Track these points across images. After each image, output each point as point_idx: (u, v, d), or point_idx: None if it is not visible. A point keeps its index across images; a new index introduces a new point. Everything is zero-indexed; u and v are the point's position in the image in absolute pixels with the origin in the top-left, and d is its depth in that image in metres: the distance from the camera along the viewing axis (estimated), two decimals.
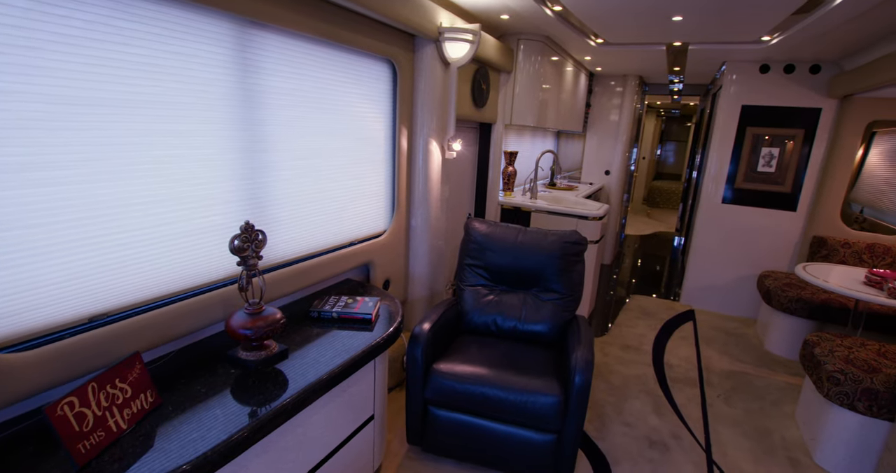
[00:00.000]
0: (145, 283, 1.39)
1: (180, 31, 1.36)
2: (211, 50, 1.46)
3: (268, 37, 1.65)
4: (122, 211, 1.29)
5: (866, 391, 2.16)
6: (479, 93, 2.95)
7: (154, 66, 1.31)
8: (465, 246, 2.45)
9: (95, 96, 1.19)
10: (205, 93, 1.46)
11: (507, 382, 1.91)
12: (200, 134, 1.47)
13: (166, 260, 1.44)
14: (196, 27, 1.40)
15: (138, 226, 1.34)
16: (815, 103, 3.79)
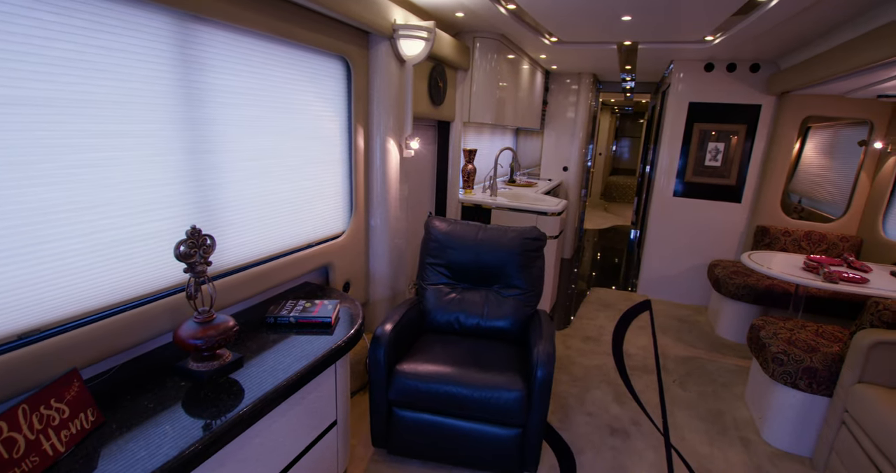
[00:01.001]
0: (82, 295, 1.30)
1: (112, 25, 1.28)
2: (148, 45, 1.38)
3: (213, 32, 1.58)
4: (51, 218, 1.21)
5: (807, 370, 2.30)
6: (437, 91, 2.94)
7: (83, 62, 1.22)
8: (426, 245, 2.44)
9: (17, 95, 1.10)
10: (143, 91, 1.38)
11: (471, 379, 1.92)
12: (140, 134, 1.39)
13: (104, 269, 1.35)
14: (130, 20, 1.32)
15: (71, 235, 1.26)
16: (755, 100, 4.00)
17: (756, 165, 4.09)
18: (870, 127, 3.66)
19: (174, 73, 1.46)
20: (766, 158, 4.01)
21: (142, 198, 1.43)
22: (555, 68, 4.97)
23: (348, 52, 2.20)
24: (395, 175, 2.54)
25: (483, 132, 4.38)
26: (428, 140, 3.26)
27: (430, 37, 2.42)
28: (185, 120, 1.52)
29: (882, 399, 1.95)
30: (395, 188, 2.55)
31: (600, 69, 4.95)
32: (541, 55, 4.22)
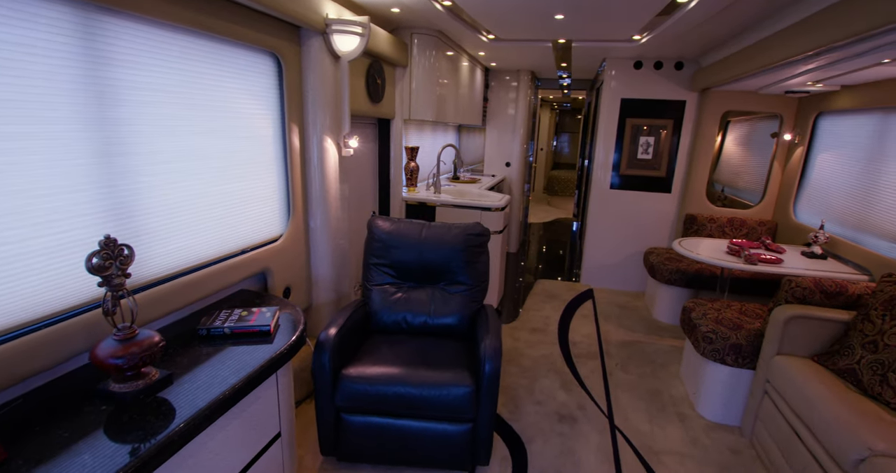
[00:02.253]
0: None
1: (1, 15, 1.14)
2: (47, 38, 1.25)
3: (123, 25, 1.46)
4: None
5: (733, 346, 2.48)
6: (375, 88, 2.89)
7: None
8: (370, 245, 2.39)
9: None
10: (44, 88, 1.25)
11: (420, 378, 1.90)
12: (44, 136, 1.26)
13: (7, 286, 1.22)
14: (22, 10, 1.19)
15: None
16: (680, 96, 4.25)
17: (683, 157, 4.35)
18: (780, 120, 3.98)
19: (80, 69, 1.34)
20: (692, 151, 4.27)
21: (48, 207, 1.29)
22: (494, 65, 5.03)
23: (278, 48, 2.11)
24: (334, 174, 2.47)
25: (425, 129, 4.36)
26: (368, 138, 3.20)
27: (364, 32, 2.37)
28: (96, 119, 1.40)
29: (797, 369, 2.14)
30: (334, 188, 2.49)
31: (538, 66, 5.07)
32: (479, 52, 4.25)
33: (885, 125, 2.92)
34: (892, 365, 1.89)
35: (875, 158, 2.97)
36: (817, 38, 2.12)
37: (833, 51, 2.17)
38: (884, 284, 2.12)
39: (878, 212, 2.90)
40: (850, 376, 2.03)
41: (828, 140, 3.54)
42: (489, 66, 5.06)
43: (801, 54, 2.29)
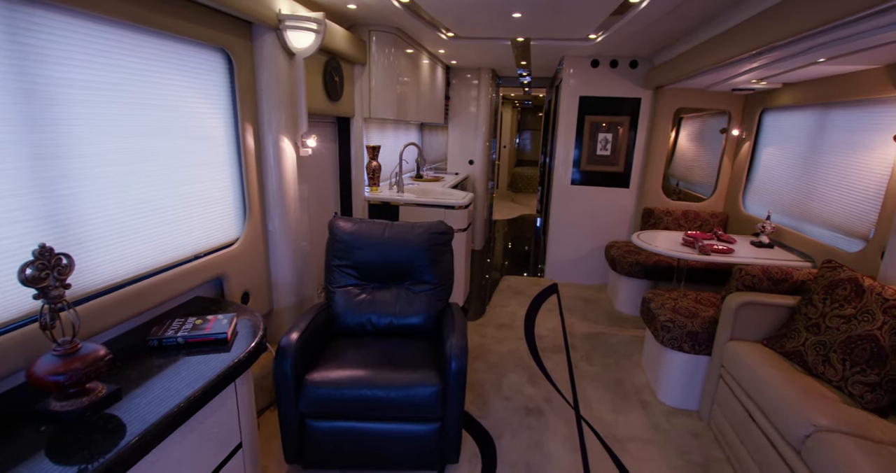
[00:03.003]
0: None
1: None
2: None
3: (55, 18, 1.36)
4: None
5: (689, 333, 2.58)
6: (333, 86, 2.83)
7: None
8: (332, 247, 2.35)
9: None
10: None
11: (386, 380, 1.88)
12: None
13: None
14: None
15: None
16: (636, 93, 4.37)
17: (640, 153, 4.48)
18: (728, 116, 4.17)
19: (3, 65, 1.24)
20: (648, 147, 4.41)
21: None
22: (455, 63, 5.04)
23: (229, 44, 2.03)
24: (291, 175, 2.40)
25: (386, 128, 4.32)
26: (327, 137, 3.14)
27: (320, 29, 2.31)
28: (26, 120, 1.30)
29: (748, 353, 2.24)
30: (293, 189, 2.42)
31: (498, 64, 5.11)
32: (439, 50, 4.25)
33: (823, 120, 3.10)
34: (833, 346, 2.01)
35: (814, 151, 3.15)
36: (759, 38, 2.22)
37: (773, 50, 2.28)
38: (824, 270, 2.25)
39: (818, 202, 3.08)
40: (796, 357, 2.15)
41: (772, 135, 3.73)
42: (450, 63, 5.06)
43: (745, 53, 2.39)
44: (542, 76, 5.95)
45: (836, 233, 2.86)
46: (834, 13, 1.70)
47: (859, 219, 2.67)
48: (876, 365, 1.86)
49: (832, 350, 2.01)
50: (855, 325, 1.98)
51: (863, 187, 2.67)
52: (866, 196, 2.64)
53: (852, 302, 2.04)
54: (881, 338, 1.87)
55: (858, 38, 1.89)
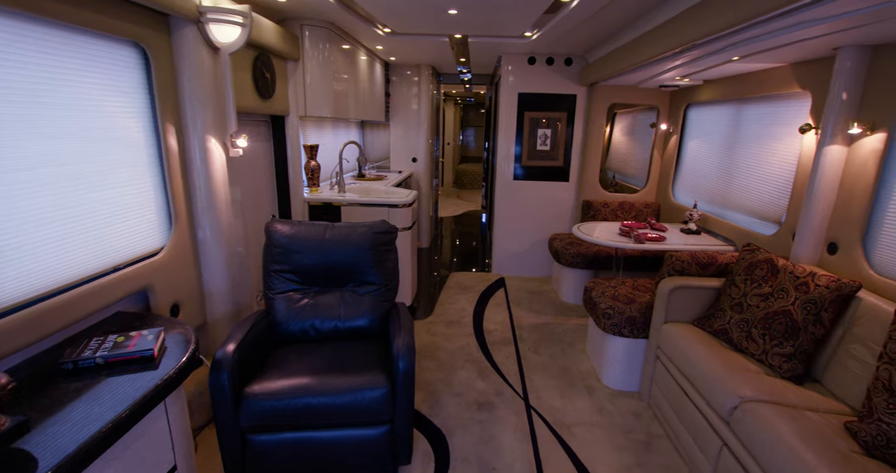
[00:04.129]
0: None
1: None
2: None
3: None
4: None
5: (628, 319, 2.70)
6: (264, 83, 2.71)
7: None
8: (269, 252, 2.25)
9: None
10: None
11: (332, 386, 1.83)
12: None
13: None
14: None
15: None
16: (571, 90, 4.51)
17: (577, 148, 4.64)
18: (657, 112, 4.40)
19: None
20: (585, 141, 4.57)
21: None
22: (393, 59, 4.97)
23: (143, 38, 1.88)
24: (221, 178, 2.27)
25: (325, 126, 4.19)
26: (261, 137, 3.00)
27: (246, 22, 2.20)
28: None
29: (681, 334, 2.38)
30: (223, 192, 2.29)
31: (438, 61, 5.10)
32: (377, 46, 4.17)
33: (739, 114, 3.33)
34: (754, 323, 2.18)
35: (733, 144, 3.39)
36: (680, 37, 2.35)
37: (693, 49, 2.42)
38: (744, 253, 2.42)
39: (737, 190, 3.31)
40: (723, 335, 2.30)
41: (696, 128, 3.98)
42: (389, 60, 5.00)
43: (669, 51, 2.52)
44: (482, 73, 6.01)
45: (754, 218, 3.09)
46: (743, 15, 1.83)
47: (773, 204, 2.91)
48: (791, 337, 2.03)
49: (753, 326, 2.17)
50: (772, 302, 2.15)
51: (775, 176, 2.90)
52: (778, 183, 2.87)
53: (769, 282, 2.21)
54: (794, 313, 2.04)
55: (765, 39, 2.05)
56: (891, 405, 1.54)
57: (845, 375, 1.93)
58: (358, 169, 4.75)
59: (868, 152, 2.16)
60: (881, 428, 1.54)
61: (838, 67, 2.23)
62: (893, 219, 2.07)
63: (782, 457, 1.56)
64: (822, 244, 2.40)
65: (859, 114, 2.22)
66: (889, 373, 1.58)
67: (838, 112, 2.25)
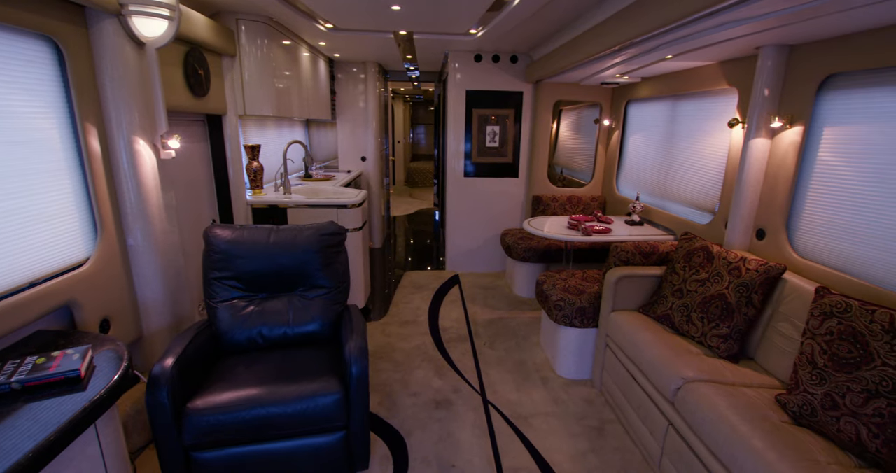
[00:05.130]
0: None
1: None
2: None
3: None
4: None
5: (579, 309, 2.77)
6: (197, 80, 2.56)
7: None
8: (209, 258, 2.13)
9: None
10: None
11: (282, 395, 1.76)
12: None
13: None
14: None
15: None
16: (518, 87, 4.58)
17: (526, 144, 4.72)
18: (600, 108, 4.54)
19: None
20: (532, 137, 4.66)
21: None
22: (338, 56, 4.86)
23: (55, 31, 1.72)
24: (153, 181, 2.12)
25: (267, 125, 4.03)
26: (196, 137, 2.84)
27: (173, 15, 2.06)
28: None
29: (627, 321, 2.47)
30: (155, 197, 2.14)
31: (384, 58, 5.03)
32: (320, 42, 4.06)
33: (674, 110, 3.50)
34: (694, 307, 2.29)
35: (670, 138, 3.56)
36: (617, 36, 2.43)
37: (630, 47, 2.50)
38: (682, 241, 2.55)
39: (675, 182, 3.48)
40: (666, 320, 2.41)
41: (636, 124, 4.14)
42: (333, 57, 4.87)
43: (608, 50, 2.60)
44: (429, 70, 5.98)
45: (691, 208, 3.26)
46: (674, 14, 1.91)
47: (707, 195, 3.07)
48: (726, 319, 2.15)
49: (693, 310, 2.29)
50: (709, 287, 2.27)
51: (708, 168, 3.07)
52: (711, 175, 3.03)
53: (705, 267, 2.34)
54: (728, 296, 2.17)
55: (694, 38, 2.15)
56: (814, 377, 1.67)
57: (775, 352, 2.07)
58: (304, 169, 4.61)
59: (788, 144, 2.33)
60: (807, 398, 1.66)
61: (760, 65, 2.38)
62: (811, 205, 2.24)
63: (721, 431, 1.65)
64: (752, 230, 2.56)
65: (780, 108, 2.38)
66: (812, 348, 1.71)
67: (762, 107, 2.40)
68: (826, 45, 2.11)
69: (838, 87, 2.11)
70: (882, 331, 1.51)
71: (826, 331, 1.67)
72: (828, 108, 2.16)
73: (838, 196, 2.09)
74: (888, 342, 1.49)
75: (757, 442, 1.54)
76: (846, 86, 2.07)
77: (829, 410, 1.59)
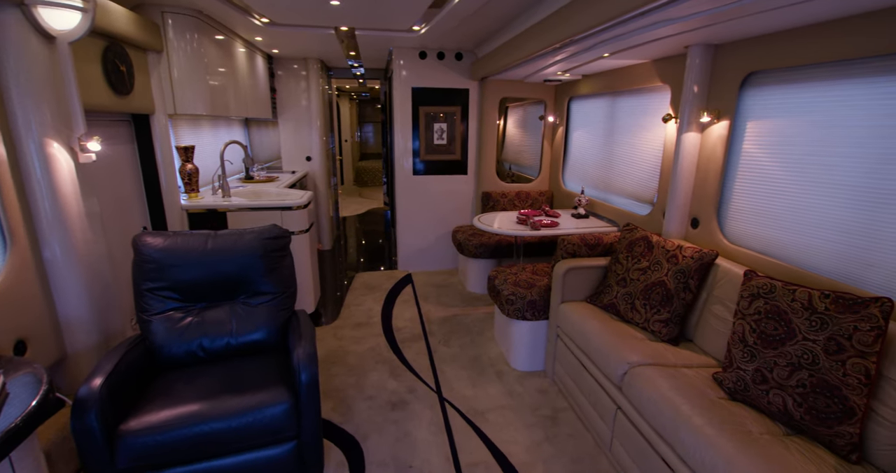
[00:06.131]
0: None
1: None
2: None
3: None
4: None
5: (530, 303, 2.82)
6: (119, 77, 2.38)
7: None
8: (140, 268, 1.98)
9: None
10: None
11: (226, 408, 1.67)
12: None
13: None
14: None
15: None
16: (464, 84, 4.59)
17: (473, 141, 4.75)
18: (545, 105, 4.64)
19: None
20: (480, 134, 4.69)
21: None
22: (277, 52, 4.68)
23: None
24: (71, 187, 1.95)
25: (201, 125, 3.82)
26: (121, 138, 2.64)
27: (87, 6, 1.90)
28: None
29: (576, 311, 2.54)
30: (75, 204, 1.96)
31: (326, 54, 4.90)
32: (256, 37, 3.89)
33: (614, 106, 3.63)
34: (637, 295, 2.39)
35: (610, 133, 3.69)
36: (556, 34, 2.48)
37: (569, 45, 2.56)
38: (624, 232, 2.65)
39: (616, 175, 3.62)
40: (612, 309, 2.50)
41: (578, 120, 4.27)
42: (272, 53, 4.69)
43: (548, 47, 2.65)
44: (375, 68, 5.89)
45: (632, 200, 3.40)
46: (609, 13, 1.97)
47: (646, 187, 3.22)
48: (666, 304, 2.26)
49: (636, 298, 2.39)
50: (650, 275, 2.37)
51: (646, 161, 3.21)
52: (649, 168, 3.18)
53: (646, 256, 2.44)
54: (668, 283, 2.28)
55: (628, 36, 2.23)
56: (745, 354, 1.78)
57: (711, 333, 2.19)
58: (245, 171, 4.41)
59: (716, 138, 2.47)
60: (739, 375, 1.77)
61: (689, 64, 2.51)
62: (738, 194, 2.39)
63: (664, 411, 1.74)
64: (687, 220, 2.71)
65: (708, 104, 2.52)
66: (742, 327, 1.82)
67: (692, 103, 2.54)
68: (747, 45, 2.25)
69: (758, 84, 2.26)
70: (802, 309, 1.64)
71: (754, 311, 1.78)
72: (750, 104, 2.31)
73: (761, 185, 2.25)
74: (807, 318, 1.61)
75: (697, 419, 1.63)
76: (765, 83, 2.23)
77: (759, 384, 1.70)
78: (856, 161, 1.80)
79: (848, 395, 1.49)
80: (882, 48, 1.66)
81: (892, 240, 1.68)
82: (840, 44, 1.81)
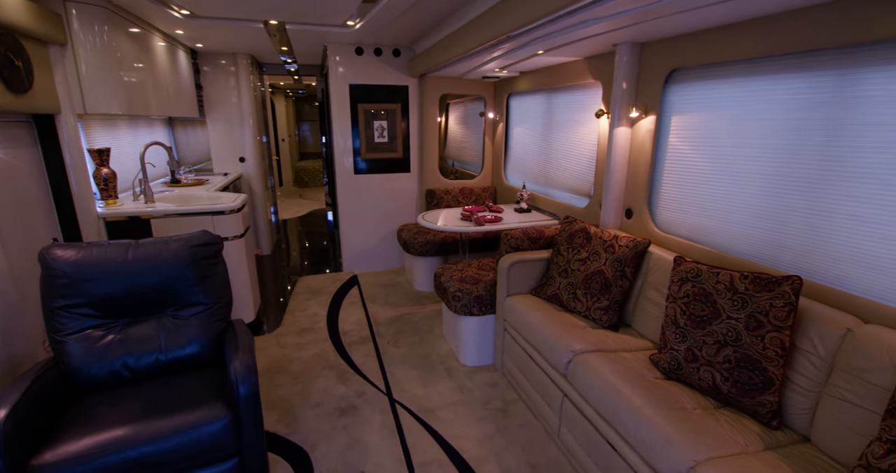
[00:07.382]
0: None
1: None
2: None
3: None
4: None
5: (476, 298, 2.84)
6: (13, 73, 2.13)
7: None
8: (49, 285, 1.79)
9: None
10: None
11: (156, 430, 1.55)
12: None
13: None
14: None
15: None
16: (403, 81, 4.53)
17: (415, 138, 4.71)
18: (484, 101, 4.69)
19: None
20: (421, 132, 4.66)
21: None
22: (201, 46, 4.40)
23: None
24: None
25: (118, 126, 3.52)
26: (22, 142, 2.37)
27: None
28: None
29: (521, 304, 2.59)
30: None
31: (256, 49, 4.66)
32: (176, 30, 3.63)
33: (550, 102, 3.73)
34: (578, 285, 2.47)
35: (548, 128, 3.78)
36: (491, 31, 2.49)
37: (505, 42, 2.59)
38: (564, 225, 2.73)
39: (556, 170, 3.72)
40: (555, 300, 2.57)
41: (518, 116, 4.35)
42: (195, 47, 4.40)
43: (484, 44, 2.67)
44: (310, 63, 5.69)
45: (571, 193, 3.51)
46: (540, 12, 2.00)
47: (583, 180, 3.33)
48: (605, 292, 2.35)
49: (577, 288, 2.46)
50: (589, 265, 2.46)
51: (582, 155, 3.32)
52: (585, 162, 3.29)
53: (585, 247, 2.53)
54: (606, 272, 2.37)
55: (559, 34, 2.29)
56: (677, 335, 1.88)
57: (647, 317, 2.31)
58: (171, 174, 4.12)
59: (645, 132, 2.59)
60: (673, 355, 1.88)
61: (618, 61, 2.62)
62: (666, 185, 2.52)
63: (606, 394, 1.80)
64: (622, 210, 2.83)
65: (636, 100, 2.64)
66: (674, 310, 1.93)
67: (622, 99, 2.65)
68: (670, 43, 2.38)
69: (680, 81, 2.39)
70: (725, 290, 1.75)
71: (684, 294, 1.89)
72: (673, 99, 2.44)
73: (685, 175, 2.39)
74: (730, 298, 1.73)
75: (636, 400, 1.70)
76: (686, 79, 2.36)
77: (690, 363, 1.81)
78: (768, 152, 1.95)
79: (767, 367, 1.61)
80: (789, 46, 1.80)
81: (799, 224, 1.84)
82: (753, 42, 1.95)
